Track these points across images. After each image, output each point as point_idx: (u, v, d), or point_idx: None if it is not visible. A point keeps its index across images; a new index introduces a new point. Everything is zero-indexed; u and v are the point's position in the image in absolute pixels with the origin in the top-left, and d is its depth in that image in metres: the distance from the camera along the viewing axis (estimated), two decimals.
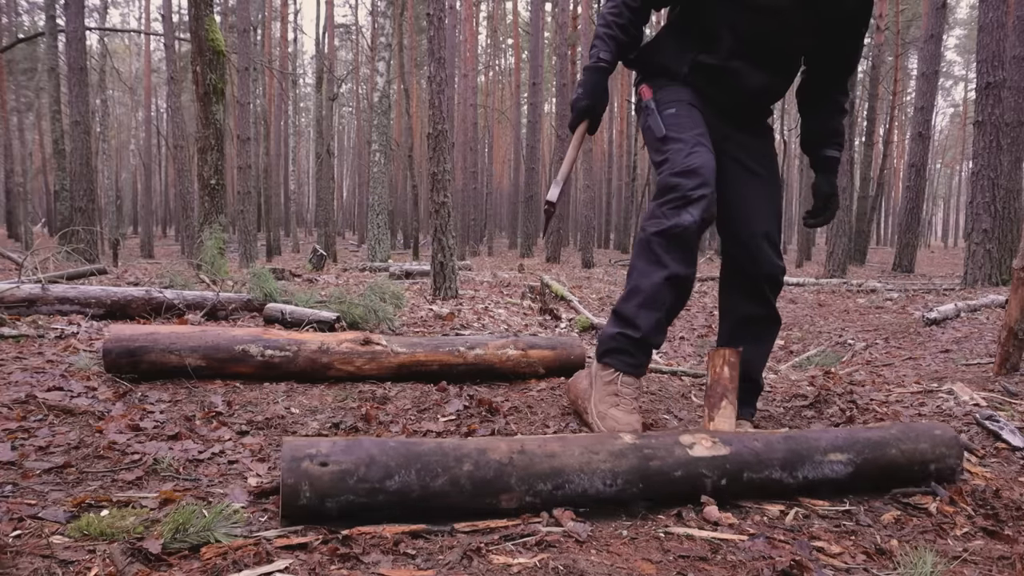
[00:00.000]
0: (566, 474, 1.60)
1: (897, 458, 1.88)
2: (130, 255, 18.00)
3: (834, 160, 2.34)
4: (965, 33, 40.04)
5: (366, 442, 1.55)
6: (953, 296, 7.09)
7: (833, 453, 1.82)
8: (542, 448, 1.63)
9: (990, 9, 7.82)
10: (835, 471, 1.82)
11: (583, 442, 1.68)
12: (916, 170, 13.02)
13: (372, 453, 1.51)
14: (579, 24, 18.84)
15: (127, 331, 2.63)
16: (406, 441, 1.59)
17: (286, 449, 1.49)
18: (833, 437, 1.86)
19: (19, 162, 25.84)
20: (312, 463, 1.46)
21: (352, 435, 2.26)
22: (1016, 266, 3.22)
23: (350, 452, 1.50)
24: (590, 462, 1.63)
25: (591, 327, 5.43)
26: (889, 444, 1.88)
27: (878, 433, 1.91)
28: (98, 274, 5.92)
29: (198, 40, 6.39)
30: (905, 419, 2.65)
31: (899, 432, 1.93)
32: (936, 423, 2.04)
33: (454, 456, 1.55)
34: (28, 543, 1.35)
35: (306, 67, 39.35)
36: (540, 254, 19.55)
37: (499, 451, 1.59)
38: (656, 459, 1.67)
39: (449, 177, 5.82)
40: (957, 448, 1.95)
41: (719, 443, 1.75)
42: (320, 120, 20.14)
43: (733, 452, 1.74)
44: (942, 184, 50.88)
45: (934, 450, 1.91)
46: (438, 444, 1.58)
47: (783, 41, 2.13)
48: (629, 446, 1.68)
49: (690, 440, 1.74)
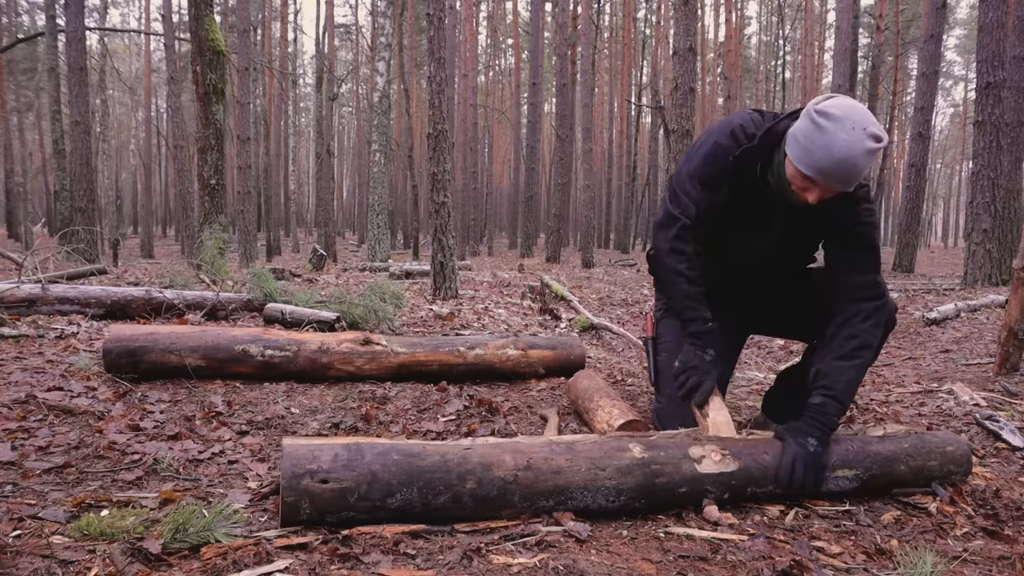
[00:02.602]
0: (570, 491, 1.59)
1: (904, 474, 1.85)
2: (130, 255, 17.99)
3: (817, 410, 1.80)
4: (965, 33, 40.02)
5: (368, 455, 1.51)
6: (953, 296, 7.09)
7: (842, 470, 1.79)
8: (548, 463, 1.59)
9: (990, 9, 7.81)
10: (840, 486, 1.80)
11: (591, 455, 1.64)
12: (916, 170, 13.00)
13: (374, 470, 1.48)
14: (579, 24, 18.82)
15: (127, 331, 2.63)
16: (409, 452, 1.54)
17: (286, 463, 1.45)
18: (844, 452, 1.81)
19: (19, 162, 25.83)
20: (312, 481, 1.44)
21: (352, 435, 2.25)
22: (1016, 266, 3.22)
23: (351, 468, 1.47)
24: (595, 479, 1.60)
25: (591, 327, 5.43)
26: (899, 460, 1.84)
27: (890, 447, 1.86)
28: (98, 274, 5.92)
29: (198, 40, 6.38)
30: (905, 419, 2.65)
31: (911, 447, 1.87)
32: (950, 436, 1.97)
33: (457, 473, 1.52)
34: (28, 543, 1.35)
35: (306, 67, 39.34)
36: (540, 254, 19.54)
37: (504, 467, 1.56)
38: (663, 476, 1.64)
39: (449, 177, 5.82)
40: (966, 465, 1.92)
41: (729, 457, 1.71)
42: (320, 120, 20.13)
43: (741, 468, 1.70)
44: (942, 184, 50.85)
45: (943, 467, 1.88)
46: (442, 459, 1.54)
47: (770, 269, 2.12)
48: (636, 462, 1.64)
49: (699, 453, 1.70)
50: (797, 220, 1.93)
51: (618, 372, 3.39)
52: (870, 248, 1.89)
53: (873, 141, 1.64)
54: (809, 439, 1.76)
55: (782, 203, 1.87)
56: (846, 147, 1.63)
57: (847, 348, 1.85)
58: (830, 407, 1.80)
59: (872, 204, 1.90)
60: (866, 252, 1.89)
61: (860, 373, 1.87)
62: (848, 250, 1.90)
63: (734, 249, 2.08)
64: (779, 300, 2.18)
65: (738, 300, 2.21)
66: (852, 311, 1.87)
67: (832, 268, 1.94)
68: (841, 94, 1.83)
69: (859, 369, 1.86)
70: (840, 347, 1.86)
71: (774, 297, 2.19)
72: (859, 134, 1.63)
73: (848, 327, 1.87)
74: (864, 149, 1.63)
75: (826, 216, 1.86)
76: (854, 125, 1.64)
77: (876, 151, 1.65)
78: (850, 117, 1.65)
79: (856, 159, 1.64)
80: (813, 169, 1.69)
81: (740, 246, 2.07)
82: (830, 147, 1.65)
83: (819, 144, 1.66)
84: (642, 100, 25.67)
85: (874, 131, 1.64)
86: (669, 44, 18.92)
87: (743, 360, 4.45)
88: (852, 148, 1.63)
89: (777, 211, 1.93)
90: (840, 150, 1.64)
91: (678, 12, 6.81)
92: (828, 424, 1.79)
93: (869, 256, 1.89)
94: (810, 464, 1.73)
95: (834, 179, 1.68)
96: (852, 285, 1.89)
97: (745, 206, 1.96)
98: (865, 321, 1.87)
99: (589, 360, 3.58)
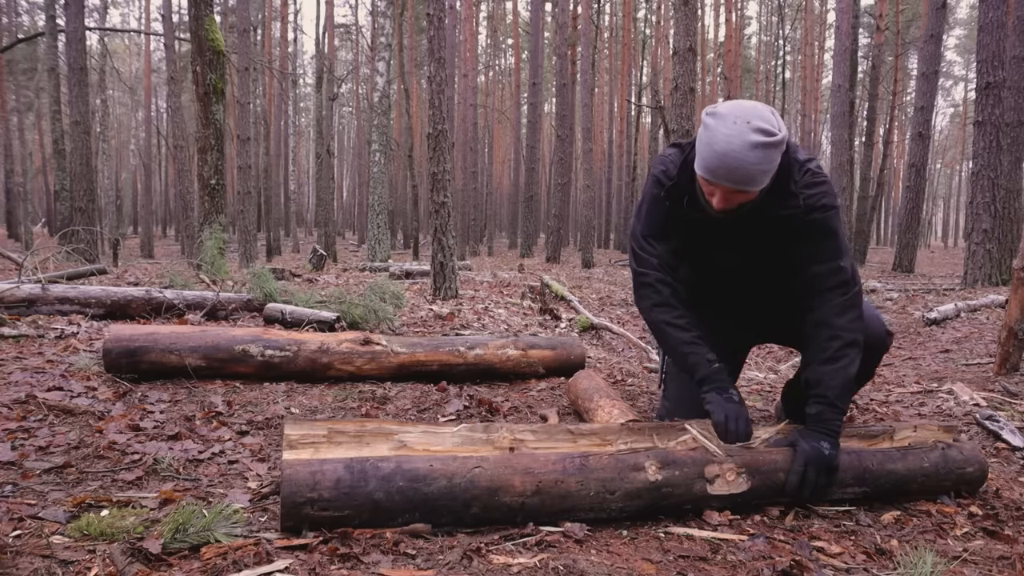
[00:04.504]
0: (575, 512, 1.56)
1: (913, 490, 1.83)
2: (130, 255, 17.99)
3: (816, 419, 1.76)
4: (965, 33, 40.03)
5: (372, 481, 1.44)
6: (953, 296, 7.09)
7: (852, 487, 1.77)
8: (557, 487, 1.54)
9: (990, 9, 7.82)
10: (845, 496, 1.78)
11: (604, 476, 1.57)
12: (916, 170, 13.01)
13: (376, 499, 1.44)
14: (579, 24, 18.82)
15: (127, 331, 2.63)
16: (415, 476, 1.48)
17: (285, 489, 1.41)
18: (860, 471, 1.76)
19: (19, 162, 25.83)
20: (312, 510, 1.41)
21: (358, 421, 2.23)
22: (1016, 266, 3.22)
23: (353, 496, 1.43)
24: (603, 503, 1.57)
25: (591, 327, 5.43)
26: (914, 480, 1.81)
27: (910, 465, 1.80)
28: (98, 274, 5.92)
29: (198, 40, 6.39)
30: (905, 419, 2.65)
31: (931, 467, 1.82)
32: (975, 455, 1.89)
33: (463, 500, 1.48)
34: (28, 543, 1.35)
35: (306, 67, 39.33)
36: (540, 254, 19.54)
37: (511, 492, 1.51)
38: (671, 497, 1.61)
39: (449, 177, 5.82)
40: (978, 485, 1.89)
41: (743, 477, 1.66)
42: (320, 120, 20.13)
43: (751, 489, 1.67)
44: (942, 184, 50.86)
45: (955, 486, 1.86)
46: (448, 484, 1.48)
47: (748, 284, 2.07)
48: (648, 486, 1.59)
49: (714, 473, 1.65)
50: (746, 229, 1.84)
51: (618, 372, 3.39)
52: (826, 234, 1.79)
53: (758, 135, 1.56)
54: (822, 443, 1.71)
55: (714, 220, 1.79)
56: (726, 141, 1.57)
57: (830, 350, 1.78)
58: (827, 414, 1.75)
59: (823, 186, 1.78)
60: (824, 239, 1.79)
61: (850, 372, 1.78)
62: (806, 242, 1.80)
63: (707, 270, 2.05)
64: (768, 309, 2.13)
65: (729, 313, 2.18)
66: (825, 307, 1.80)
67: (797, 264, 1.85)
68: (745, 98, 1.78)
69: (847, 368, 1.77)
70: (824, 350, 1.79)
71: (763, 306, 2.13)
72: (740, 127, 1.57)
73: (826, 327, 1.79)
74: (746, 142, 1.56)
75: (769, 215, 1.77)
76: (736, 120, 1.58)
77: (762, 145, 1.56)
78: (734, 113, 1.60)
79: (737, 153, 1.56)
80: (703, 168, 1.65)
81: (710, 267, 2.03)
82: (712, 143, 1.60)
83: (704, 142, 1.63)
84: (642, 100, 25.66)
85: (759, 125, 1.57)
86: (669, 44, 18.91)
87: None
88: (731, 142, 1.57)
89: (722, 228, 1.84)
90: (720, 145, 1.58)
91: (678, 12, 6.81)
92: (833, 429, 1.75)
93: (828, 243, 1.80)
94: (822, 467, 1.69)
95: (722, 177, 1.61)
96: (816, 276, 1.81)
97: (694, 235, 1.92)
98: (842, 315, 1.78)
99: (589, 360, 3.58)
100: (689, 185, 1.81)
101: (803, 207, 1.76)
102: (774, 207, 1.76)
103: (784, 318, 2.06)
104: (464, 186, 22.73)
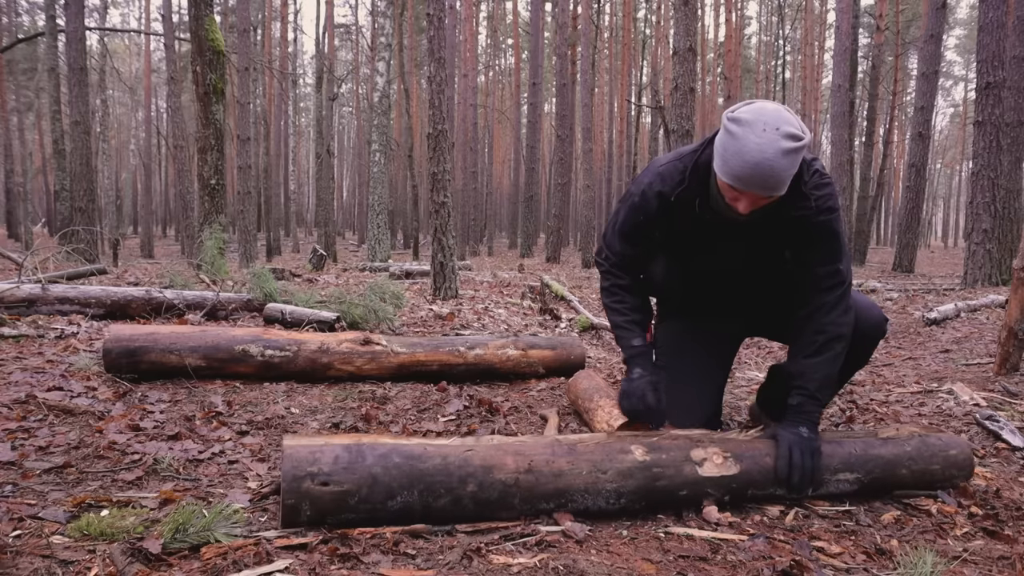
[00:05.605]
0: (570, 494, 1.59)
1: (905, 477, 1.85)
2: (130, 255, 17.99)
3: (796, 410, 1.83)
4: (965, 33, 40.04)
5: (369, 457, 1.50)
6: (953, 296, 7.09)
7: (843, 473, 1.80)
8: (550, 466, 1.59)
9: (990, 9, 7.82)
10: (840, 488, 1.80)
11: (593, 458, 1.64)
12: (916, 170, 13.01)
13: (375, 473, 1.48)
14: (579, 24, 18.82)
15: (127, 331, 2.63)
16: (411, 454, 1.53)
17: (287, 465, 1.45)
18: (846, 455, 1.81)
19: (19, 162, 25.84)
20: (313, 483, 1.44)
21: (353, 434, 2.25)
22: (1016, 266, 3.22)
23: (352, 471, 1.47)
24: (596, 482, 1.60)
25: (591, 327, 5.42)
26: (901, 464, 1.84)
27: (893, 450, 1.85)
28: (98, 274, 5.92)
29: (198, 40, 6.39)
30: (905, 419, 2.65)
31: (914, 450, 1.86)
32: (954, 439, 1.95)
33: (459, 476, 1.52)
34: (28, 543, 1.35)
35: (306, 67, 39.34)
36: (540, 254, 19.54)
37: (505, 470, 1.56)
38: (663, 479, 1.65)
39: (449, 177, 5.82)
40: (968, 469, 1.91)
41: (730, 460, 1.71)
42: (320, 120, 20.13)
43: (742, 471, 1.71)
44: (942, 184, 50.86)
45: (945, 471, 1.88)
46: (443, 462, 1.53)
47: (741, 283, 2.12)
48: (638, 465, 1.64)
49: (701, 456, 1.70)
50: (757, 229, 1.86)
51: (618, 372, 3.39)
52: (831, 236, 1.84)
53: (789, 140, 1.57)
54: (800, 428, 1.79)
55: (730, 221, 1.81)
56: (758, 150, 1.57)
57: (815, 345, 1.85)
58: (808, 406, 1.83)
59: (828, 187, 1.81)
60: (828, 242, 1.85)
61: (833, 366, 1.86)
62: (812, 243, 1.85)
63: (706, 268, 2.07)
64: (764, 304, 2.16)
65: (726, 308, 2.21)
66: (816, 304, 1.86)
67: (796, 261, 1.91)
68: (761, 99, 1.76)
69: (831, 363, 1.85)
70: (808, 345, 1.87)
71: (760, 301, 2.17)
72: (771, 135, 1.56)
73: (812, 323, 1.86)
74: (778, 150, 1.56)
75: (783, 215, 1.79)
76: (764, 127, 1.57)
77: (793, 151, 1.57)
78: (760, 119, 1.59)
79: (771, 162, 1.56)
80: (731, 177, 1.63)
81: (711, 265, 2.05)
82: (742, 153, 1.58)
83: (732, 151, 1.61)
84: (642, 100, 25.66)
85: (788, 130, 1.57)
86: (669, 44, 18.91)
87: (743, 360, 4.45)
88: (764, 150, 1.56)
89: (733, 228, 1.86)
90: (752, 154, 1.57)
91: (678, 12, 6.81)
92: (811, 419, 1.82)
93: (831, 245, 1.85)
94: (806, 448, 1.75)
95: (754, 185, 1.61)
96: (815, 276, 1.87)
97: (700, 235, 1.94)
98: (830, 313, 1.85)
99: (589, 360, 3.58)
100: (699, 188, 1.83)
101: (814, 208, 1.78)
102: (788, 208, 1.78)
103: (775, 312, 2.13)
104: (464, 186, 22.73)
